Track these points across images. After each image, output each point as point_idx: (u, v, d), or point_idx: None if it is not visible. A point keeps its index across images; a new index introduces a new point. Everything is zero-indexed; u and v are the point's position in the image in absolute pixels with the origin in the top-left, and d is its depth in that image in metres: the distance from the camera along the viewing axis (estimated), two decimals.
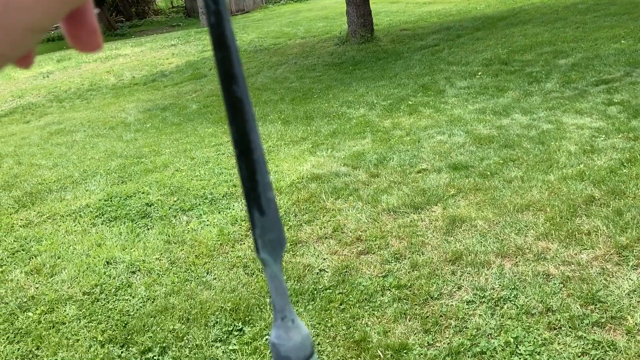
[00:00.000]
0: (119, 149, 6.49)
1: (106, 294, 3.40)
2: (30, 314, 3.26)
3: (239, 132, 0.35)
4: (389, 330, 2.82)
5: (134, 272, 3.64)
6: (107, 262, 3.77)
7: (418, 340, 2.73)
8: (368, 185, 4.44)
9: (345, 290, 3.18)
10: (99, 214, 4.56)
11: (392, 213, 3.96)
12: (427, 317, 2.88)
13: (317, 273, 3.39)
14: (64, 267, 3.74)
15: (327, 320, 2.94)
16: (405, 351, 2.65)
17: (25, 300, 3.40)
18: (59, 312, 3.25)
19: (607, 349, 2.48)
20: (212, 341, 2.89)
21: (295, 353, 0.41)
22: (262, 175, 0.36)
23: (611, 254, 3.13)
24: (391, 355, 2.64)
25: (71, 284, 3.53)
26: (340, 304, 3.07)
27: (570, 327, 2.64)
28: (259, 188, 0.36)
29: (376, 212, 3.99)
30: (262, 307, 3.12)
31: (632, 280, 2.90)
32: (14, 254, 4.04)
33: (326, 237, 3.79)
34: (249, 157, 0.35)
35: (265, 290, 3.27)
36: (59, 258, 3.87)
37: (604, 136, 4.63)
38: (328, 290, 3.20)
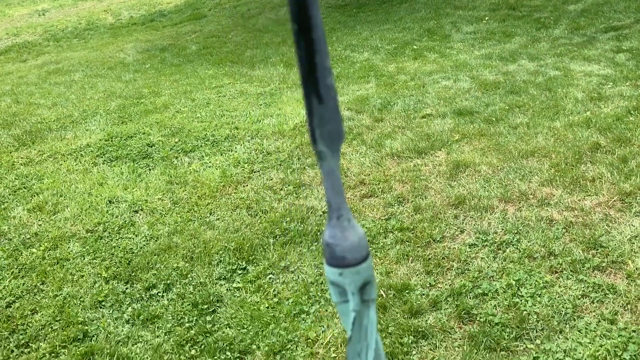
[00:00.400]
0: (118, 90, 6.39)
1: (109, 232, 3.41)
2: (34, 250, 3.27)
3: (298, 4, 0.31)
4: (391, 271, 2.84)
5: (136, 212, 3.64)
6: (110, 201, 3.77)
7: (420, 281, 2.76)
8: (372, 129, 4.40)
9: None
10: (100, 153, 4.53)
11: (395, 157, 3.94)
12: (430, 259, 2.90)
13: (321, 215, 3.40)
14: (66, 205, 3.74)
15: None
16: (407, 291, 2.68)
17: (28, 236, 3.42)
18: (62, 248, 3.26)
19: (607, 292, 2.51)
20: (216, 279, 2.92)
21: (351, 253, 0.39)
22: (322, 58, 0.33)
23: (614, 201, 3.13)
24: (393, 294, 2.67)
25: (74, 222, 3.54)
26: None
27: (571, 271, 2.66)
28: (317, 72, 0.33)
29: (380, 157, 3.97)
30: (265, 247, 3.14)
31: (634, 226, 2.91)
32: (15, 191, 4.03)
33: None
34: (307, 35, 0.32)
35: (268, 231, 3.28)
36: (61, 196, 3.87)
37: (611, 84, 4.56)
38: None
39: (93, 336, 2.59)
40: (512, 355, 2.27)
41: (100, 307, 2.78)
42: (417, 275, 2.81)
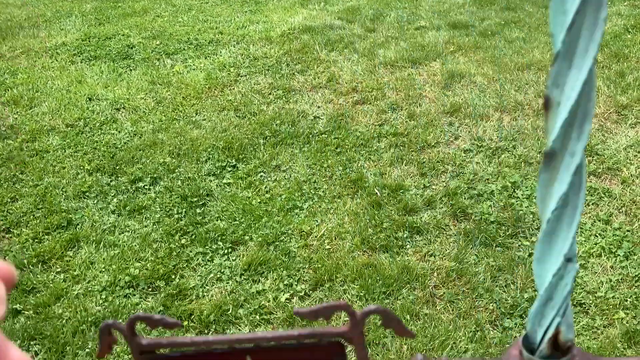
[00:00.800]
0: None
1: (90, 127, 3.26)
2: (10, 141, 3.11)
3: None
4: (386, 173, 2.79)
5: (118, 109, 3.48)
6: (90, 99, 3.59)
7: (414, 182, 2.72)
8: (364, 39, 4.25)
9: (340, 136, 3.11)
10: (77, 52, 4.29)
11: (389, 66, 3.82)
12: (424, 162, 2.85)
13: (312, 119, 3.30)
14: (43, 100, 3.54)
15: (322, 161, 2.89)
16: (401, 191, 2.64)
17: (4, 129, 3.24)
18: (41, 141, 3.11)
19: (602, 196, 2.51)
20: (205, 175, 2.83)
21: None
22: None
23: (610, 113, 3.10)
24: (388, 193, 2.63)
25: (52, 116, 3.36)
26: (336, 148, 3.01)
27: None
28: None
29: (372, 65, 3.84)
30: (255, 147, 3.04)
31: (629, 136, 2.90)
32: None
33: (320, 87, 3.66)
34: None
35: (258, 132, 3.17)
36: (37, 91, 3.67)
37: (609, 3, 4.46)
38: (323, 135, 3.13)
39: (78, 224, 2.49)
40: (508, 251, 2.27)
41: (84, 198, 2.67)
42: (411, 177, 2.77)
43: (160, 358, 0.43)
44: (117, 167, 2.88)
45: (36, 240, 2.40)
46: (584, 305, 2.02)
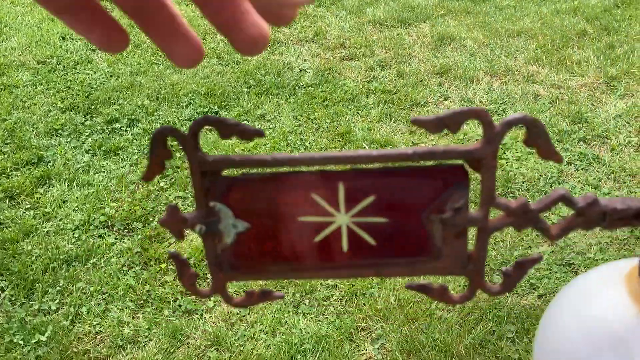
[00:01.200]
0: None
1: (64, 66, 3.08)
2: None
3: None
4: (373, 129, 2.72)
5: (93, 50, 3.30)
6: (63, 37, 3.39)
7: (403, 139, 2.65)
8: None
9: (328, 89, 3.01)
10: None
11: (377, 25, 3.72)
12: None
13: (298, 72, 3.19)
14: (12, 35, 3.33)
15: (309, 114, 2.80)
16: (390, 146, 2.57)
17: None
18: (10, 76, 2.92)
19: (592, 162, 2.49)
20: (185, 119, 2.70)
21: None
22: None
23: (600, 83, 3.08)
24: (376, 148, 2.55)
25: (22, 52, 3.17)
26: (324, 101, 2.91)
27: (557, 140, 2.62)
28: None
29: (361, 23, 3.74)
30: (239, 95, 2.92)
31: (618, 107, 2.89)
32: None
33: (307, 41, 3.54)
34: None
35: (242, 80, 3.05)
36: (5, 26, 3.45)
37: None
38: (310, 88, 3.03)
39: (49, 162, 2.35)
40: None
41: (57, 135, 2.52)
42: (400, 134, 2.70)
43: (227, 182, 0.34)
44: (92, 107, 2.73)
45: (4, 175, 2.25)
46: (572, 266, 2.00)
